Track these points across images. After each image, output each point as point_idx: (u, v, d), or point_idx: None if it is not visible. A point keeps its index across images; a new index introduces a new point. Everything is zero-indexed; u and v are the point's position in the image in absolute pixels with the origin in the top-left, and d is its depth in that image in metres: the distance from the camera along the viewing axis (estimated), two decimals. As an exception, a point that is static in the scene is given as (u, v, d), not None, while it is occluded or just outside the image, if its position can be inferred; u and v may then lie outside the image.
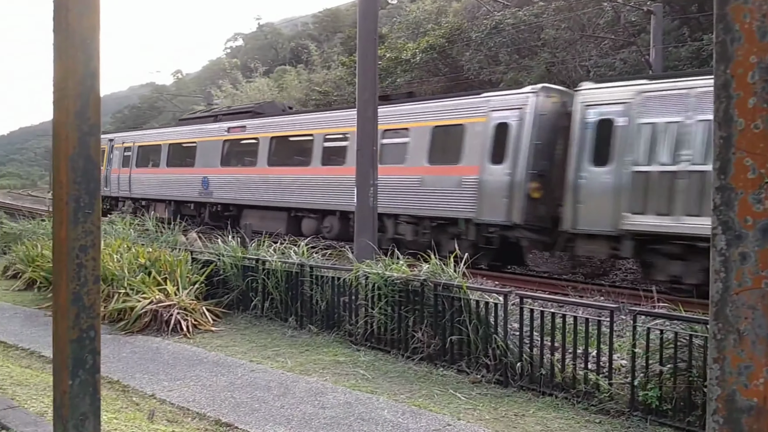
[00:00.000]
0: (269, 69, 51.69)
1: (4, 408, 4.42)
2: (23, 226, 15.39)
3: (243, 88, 43.02)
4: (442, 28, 28.93)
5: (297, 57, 56.16)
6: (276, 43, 68.39)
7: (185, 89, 66.82)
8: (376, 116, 10.16)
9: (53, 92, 2.69)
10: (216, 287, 9.77)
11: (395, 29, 34.06)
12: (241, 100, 40.40)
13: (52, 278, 2.80)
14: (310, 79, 41.98)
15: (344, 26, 54.69)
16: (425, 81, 29.47)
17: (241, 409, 5.53)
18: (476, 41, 26.28)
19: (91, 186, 2.68)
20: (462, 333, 6.79)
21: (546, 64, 24.10)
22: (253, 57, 59.50)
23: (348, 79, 33.25)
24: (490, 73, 26.18)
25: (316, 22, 73.85)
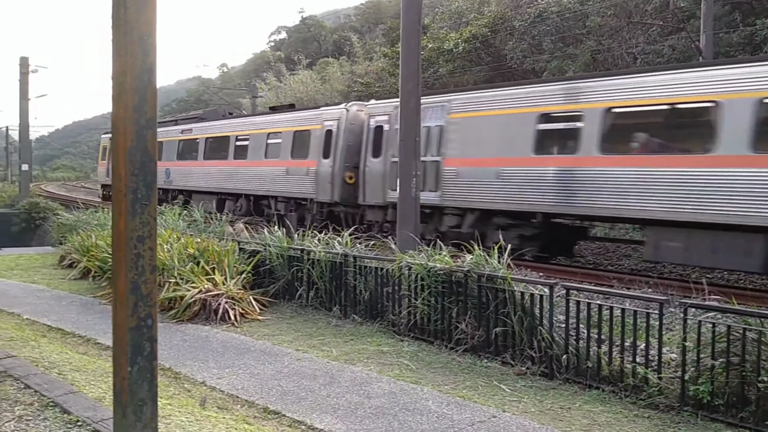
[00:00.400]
0: (312, 61, 52.01)
1: (65, 393, 4.61)
2: (78, 217, 15.94)
3: (287, 81, 43.39)
4: (484, 17, 28.56)
5: (339, 49, 56.36)
6: (319, 35, 68.73)
7: (230, 82, 67.81)
8: (419, 107, 10.12)
9: (112, 87, 2.77)
10: (262, 277, 9.94)
11: (437, 19, 33.75)
12: (285, 92, 40.79)
13: (112, 268, 2.90)
14: (352, 70, 42.08)
15: (386, 17, 54.56)
16: (467, 71, 29.19)
17: (289, 398, 5.63)
18: (520, 30, 25.88)
19: (148, 178, 2.77)
20: (506, 325, 6.76)
21: (591, 52, 23.58)
22: (297, 50, 59.93)
23: (390, 70, 33.18)
24: (534, 62, 25.77)
25: (358, 14, 73.93)
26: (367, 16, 69.03)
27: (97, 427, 3.90)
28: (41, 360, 5.79)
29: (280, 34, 79.03)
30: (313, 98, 37.69)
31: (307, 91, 39.67)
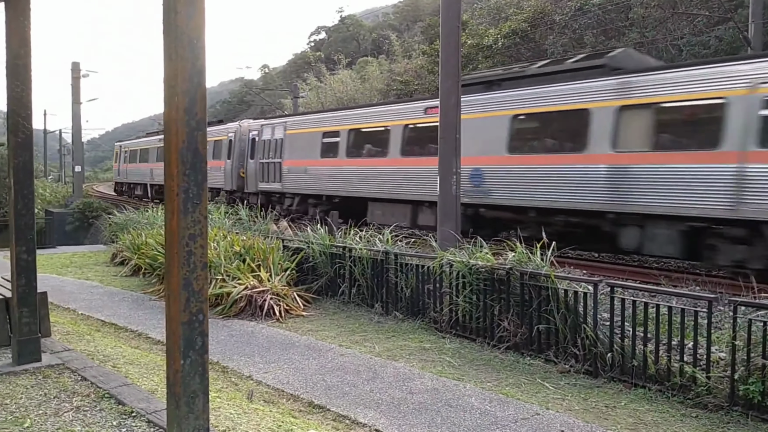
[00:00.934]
0: (352, 61, 52.25)
1: (120, 385, 4.79)
2: (128, 216, 16.42)
3: (327, 81, 43.68)
4: (524, 11, 28.25)
5: (378, 48, 56.49)
6: (358, 34, 69.01)
7: (272, 83, 68.65)
8: (459, 104, 10.11)
9: (164, 90, 2.88)
10: (306, 274, 10.09)
11: (476, 15, 33.53)
12: (326, 92, 41.07)
13: (165, 265, 3.01)
14: (391, 69, 42.08)
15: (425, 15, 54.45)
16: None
17: (333, 392, 5.71)
18: (560, 24, 25.53)
19: (199, 178, 2.86)
20: (549, 322, 6.72)
21: (634, 45, 23.07)
22: (336, 49, 60.31)
23: (429, 68, 33.09)
24: (575, 56, 25.37)
25: (396, 12, 74.00)
26: (406, 14, 69.02)
27: (150, 418, 4.04)
28: (96, 353, 6.02)
29: (319, 34, 79.67)
30: (353, 98, 37.85)
31: (347, 90, 39.84)
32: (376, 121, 17.10)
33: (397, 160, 15.95)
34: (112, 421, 4.08)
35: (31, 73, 5.15)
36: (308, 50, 71.03)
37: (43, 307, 6.19)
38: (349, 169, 17.64)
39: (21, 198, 5.17)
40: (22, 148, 5.13)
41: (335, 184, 18.15)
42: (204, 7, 2.83)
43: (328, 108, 30.60)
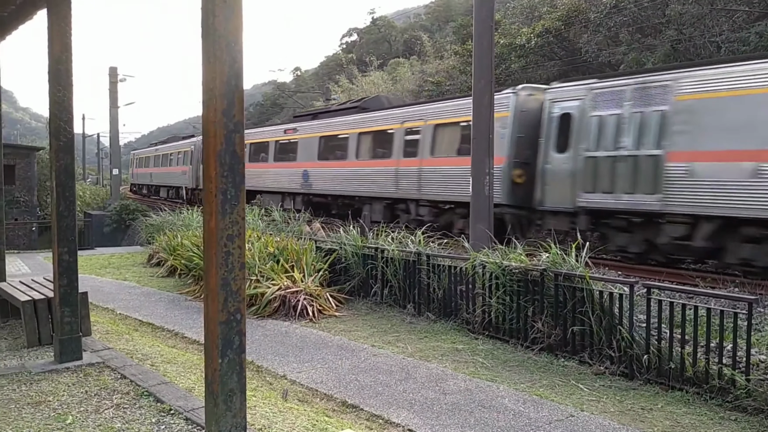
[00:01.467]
0: (383, 62, 52.34)
1: (158, 383, 4.89)
2: (164, 218, 16.74)
3: (359, 82, 43.86)
4: (558, 10, 27.94)
5: (410, 49, 56.44)
6: (389, 35, 69.07)
7: (304, 85, 69.19)
8: (492, 104, 10.06)
9: (202, 93, 2.93)
10: (338, 274, 10.15)
11: (509, 14, 33.35)
12: (357, 94, 41.24)
13: (203, 265, 3.07)
14: (423, 70, 42.05)
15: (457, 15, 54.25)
16: (540, 66, 28.67)
17: (366, 392, 5.74)
18: (595, 22, 25.16)
19: (237, 179, 2.91)
20: (584, 324, 6.64)
21: (671, 42, 22.63)
22: (368, 51, 60.47)
23: (461, 68, 32.98)
24: (610, 54, 24.99)
25: (428, 13, 73.88)
26: (437, 15, 68.84)
27: (188, 415, 4.12)
28: (135, 352, 6.15)
29: (351, 36, 79.91)
30: (384, 98, 37.89)
31: (379, 92, 39.95)
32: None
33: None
34: (151, 418, 4.17)
35: (72, 77, 5.29)
36: (340, 52, 71.38)
37: (84, 307, 6.34)
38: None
39: (63, 200, 5.31)
40: (63, 151, 5.27)
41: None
42: (241, 10, 2.88)
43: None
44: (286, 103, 61.87)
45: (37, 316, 6.17)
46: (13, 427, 4.03)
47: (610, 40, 25.45)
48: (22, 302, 6.18)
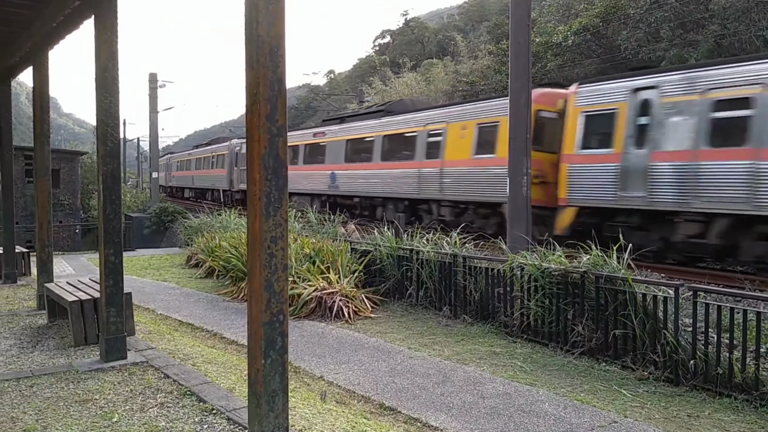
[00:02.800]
0: (416, 63, 52.29)
1: (200, 383, 4.96)
2: (202, 220, 17.00)
3: (392, 84, 43.90)
4: (596, 7, 27.52)
5: (443, 49, 56.28)
6: (422, 36, 68.98)
7: (338, 88, 69.57)
8: (530, 103, 9.96)
9: (246, 98, 2.97)
10: (373, 276, 10.16)
11: (544, 12, 32.95)
12: (391, 95, 41.29)
13: (247, 266, 3.10)
14: (456, 70, 41.88)
15: (491, 14, 53.91)
16: (578, 64, 28.26)
17: (403, 395, 5.72)
18: (634, 18, 24.71)
19: (280, 182, 2.93)
20: (627, 327, 6.52)
21: (715, 38, 22.07)
22: (401, 52, 60.51)
23: (495, 68, 32.76)
24: (650, 51, 24.49)
25: (461, 13, 73.57)
26: (471, 14, 68.51)
27: (230, 415, 4.16)
28: (177, 352, 6.25)
29: (384, 38, 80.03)
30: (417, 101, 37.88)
31: (412, 93, 39.90)
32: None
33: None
34: (194, 417, 4.23)
35: (118, 85, 5.41)
36: (373, 54, 71.60)
37: (128, 307, 6.47)
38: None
39: (109, 203, 5.44)
40: (110, 156, 5.40)
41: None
42: (284, 16, 2.90)
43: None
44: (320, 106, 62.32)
45: (83, 315, 6.32)
46: (62, 424, 4.14)
47: (650, 37, 24.94)
48: (70, 302, 6.34)
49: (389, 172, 19.36)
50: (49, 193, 8.39)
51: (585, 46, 27.89)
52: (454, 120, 16.73)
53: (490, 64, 34.49)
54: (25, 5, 7.41)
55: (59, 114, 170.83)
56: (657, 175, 11.48)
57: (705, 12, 23.12)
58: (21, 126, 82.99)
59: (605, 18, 26.48)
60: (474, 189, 15.65)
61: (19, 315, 7.88)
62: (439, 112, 17.91)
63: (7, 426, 4.11)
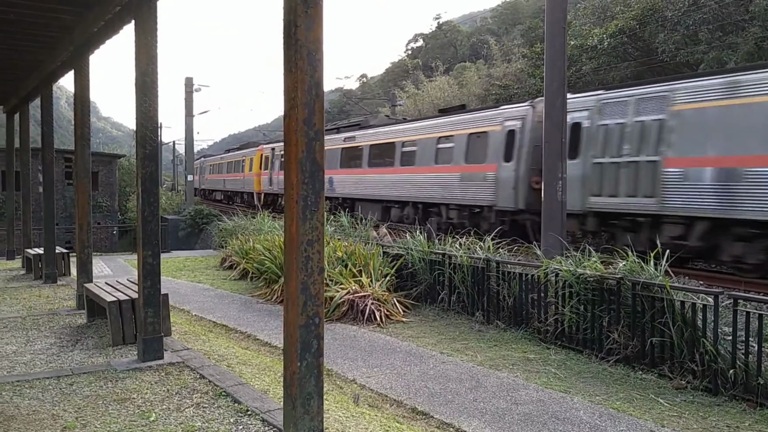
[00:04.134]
0: (449, 67, 52.17)
1: (235, 384, 5.01)
2: (236, 223, 17.21)
3: (424, 88, 43.86)
4: (632, 9, 27.09)
5: (476, 53, 56.08)
6: (455, 40, 68.82)
7: (370, 92, 69.78)
8: (565, 107, 9.85)
9: (284, 102, 3.00)
10: (405, 280, 10.15)
11: (579, 15, 32.55)
12: (423, 99, 41.27)
13: (284, 269, 3.13)
14: (489, 74, 41.67)
15: (524, 17, 53.51)
16: (614, 67, 27.86)
17: (436, 400, 5.70)
18: (672, 20, 24.26)
19: (317, 186, 2.95)
20: (664, 335, 6.38)
21: (755, 40, 21.52)
22: (434, 56, 60.43)
23: (529, 71, 32.49)
24: (688, 54, 24.03)
25: (495, 16, 73.19)
26: (504, 18, 68.12)
27: (265, 417, 4.19)
28: (212, 353, 6.33)
29: (417, 41, 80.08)
30: (449, 104, 37.79)
31: (445, 97, 39.83)
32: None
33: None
34: (229, 418, 4.27)
35: (157, 88, 5.52)
36: (406, 58, 71.63)
37: (165, 308, 6.58)
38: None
39: (147, 205, 5.54)
40: (149, 158, 5.50)
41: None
42: (322, 20, 2.93)
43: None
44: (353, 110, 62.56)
45: (121, 316, 6.45)
46: (101, 422, 4.22)
47: (688, 39, 24.47)
48: (108, 302, 6.47)
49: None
50: (88, 195, 8.58)
51: (621, 48, 27.48)
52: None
53: (523, 68, 34.23)
54: (67, 11, 7.62)
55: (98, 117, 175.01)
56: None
57: (745, 14, 22.60)
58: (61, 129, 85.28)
59: (642, 20, 26.06)
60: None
61: (59, 314, 8.08)
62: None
63: (48, 423, 4.21)
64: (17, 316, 7.94)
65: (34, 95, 12.20)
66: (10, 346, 6.37)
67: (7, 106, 14.95)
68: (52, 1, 7.24)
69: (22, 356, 6.00)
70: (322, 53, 2.96)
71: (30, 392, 4.88)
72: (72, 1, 7.27)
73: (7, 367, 5.61)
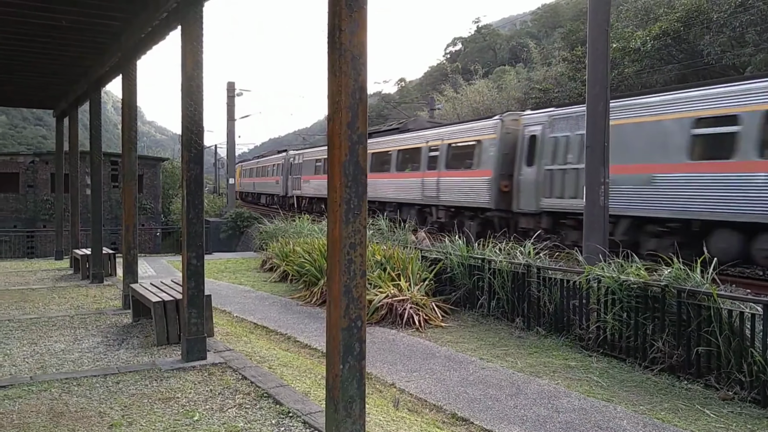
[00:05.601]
0: (488, 71, 51.86)
1: (276, 386, 5.06)
2: (277, 226, 17.41)
3: (463, 92, 43.68)
4: (676, 10, 26.51)
5: (516, 56, 55.63)
6: (494, 44, 68.39)
7: (408, 96, 69.80)
8: (608, 111, 9.68)
9: (328, 106, 3.02)
10: (443, 284, 10.11)
11: (622, 17, 31.97)
12: (462, 103, 41.10)
13: (326, 272, 3.15)
14: (529, 77, 41.28)
15: (565, 20, 52.83)
16: (657, 70, 27.28)
17: (476, 405, 5.66)
18: (718, 22, 23.66)
19: (360, 190, 2.97)
20: (710, 345, 6.21)
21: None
22: (473, 60, 60.15)
23: (570, 75, 32.05)
24: (735, 56, 23.38)
25: (534, 19, 72.48)
26: (544, 21, 67.38)
27: (306, 419, 4.22)
28: (253, 354, 6.41)
29: (455, 45, 79.78)
30: (489, 107, 37.56)
31: (484, 100, 39.59)
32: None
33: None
34: (271, 419, 4.32)
35: (202, 93, 5.63)
36: (444, 62, 71.46)
37: (208, 309, 6.69)
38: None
39: (192, 208, 5.65)
40: (194, 162, 5.62)
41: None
42: (366, 25, 2.94)
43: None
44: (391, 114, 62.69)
45: (166, 316, 6.59)
46: (147, 421, 4.31)
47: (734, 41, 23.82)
48: (153, 303, 6.61)
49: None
50: (135, 198, 8.79)
51: (665, 51, 26.90)
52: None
53: (564, 71, 33.77)
54: (116, 17, 7.85)
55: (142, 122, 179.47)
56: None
57: (797, 14, 21.90)
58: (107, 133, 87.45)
59: (686, 22, 25.48)
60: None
61: (106, 314, 8.29)
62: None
63: (95, 420, 4.32)
64: (65, 315, 8.18)
65: (83, 100, 12.58)
66: (59, 344, 6.56)
67: (57, 111, 15.46)
68: (102, 8, 7.47)
69: (70, 354, 6.17)
70: (366, 57, 2.98)
71: (78, 390, 5.01)
72: (121, 8, 7.48)
73: (56, 365, 5.78)
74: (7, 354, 6.15)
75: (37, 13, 7.66)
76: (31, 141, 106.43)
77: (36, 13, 7.66)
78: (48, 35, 8.73)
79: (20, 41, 9.03)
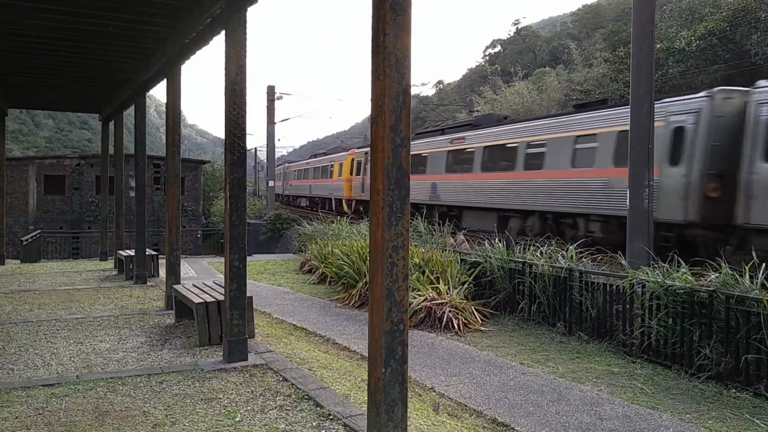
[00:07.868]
0: (528, 72, 51.34)
1: (317, 388, 5.08)
2: (316, 228, 17.54)
3: (502, 93, 43.33)
4: (722, 10, 25.83)
5: (556, 58, 54.93)
6: (534, 45, 67.71)
7: (446, 98, 69.60)
8: (652, 113, 9.47)
9: (371, 109, 3.03)
10: (483, 288, 10.02)
11: (666, 17, 31.28)
12: (501, 105, 40.76)
13: (369, 275, 3.15)
14: (570, 78, 40.71)
15: (606, 21, 51.98)
16: (702, 71, 26.59)
17: (516, 411, 5.59)
18: (766, 21, 22.93)
19: (402, 193, 2.96)
20: (760, 352, 6.01)
21: None
22: (512, 61, 59.64)
23: (612, 76, 31.51)
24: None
25: (575, 20, 71.52)
26: (585, 22, 66.42)
27: (347, 422, 4.23)
28: (293, 356, 6.45)
29: (495, 47, 79.24)
30: (529, 109, 37.20)
31: (524, 102, 39.21)
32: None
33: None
34: (311, 422, 4.33)
35: (245, 97, 5.71)
36: (483, 64, 71.03)
37: (249, 311, 6.75)
38: None
39: (235, 210, 5.73)
40: (237, 165, 5.69)
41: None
42: (410, 28, 2.94)
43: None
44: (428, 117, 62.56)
45: (208, 317, 6.68)
46: (189, 421, 4.38)
47: (785, 40, 23.05)
48: (196, 304, 6.72)
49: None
50: (178, 200, 8.95)
51: (710, 51, 26.21)
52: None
53: (605, 72, 33.22)
54: (161, 23, 8.02)
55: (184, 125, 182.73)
56: None
57: None
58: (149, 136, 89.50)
59: (733, 21, 24.78)
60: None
61: (149, 314, 8.46)
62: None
63: (139, 420, 4.40)
64: (110, 315, 8.37)
65: (127, 104, 12.90)
66: (103, 344, 6.71)
67: (103, 115, 15.89)
68: (147, 15, 7.64)
69: (114, 354, 6.31)
70: (409, 60, 2.97)
71: (122, 389, 5.12)
72: (166, 14, 7.64)
73: (102, 364, 5.91)
74: (54, 353, 6.32)
75: (85, 19, 7.88)
76: (76, 144, 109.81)
77: (85, 19, 7.88)
78: (95, 41, 8.97)
79: (68, 47, 9.31)
